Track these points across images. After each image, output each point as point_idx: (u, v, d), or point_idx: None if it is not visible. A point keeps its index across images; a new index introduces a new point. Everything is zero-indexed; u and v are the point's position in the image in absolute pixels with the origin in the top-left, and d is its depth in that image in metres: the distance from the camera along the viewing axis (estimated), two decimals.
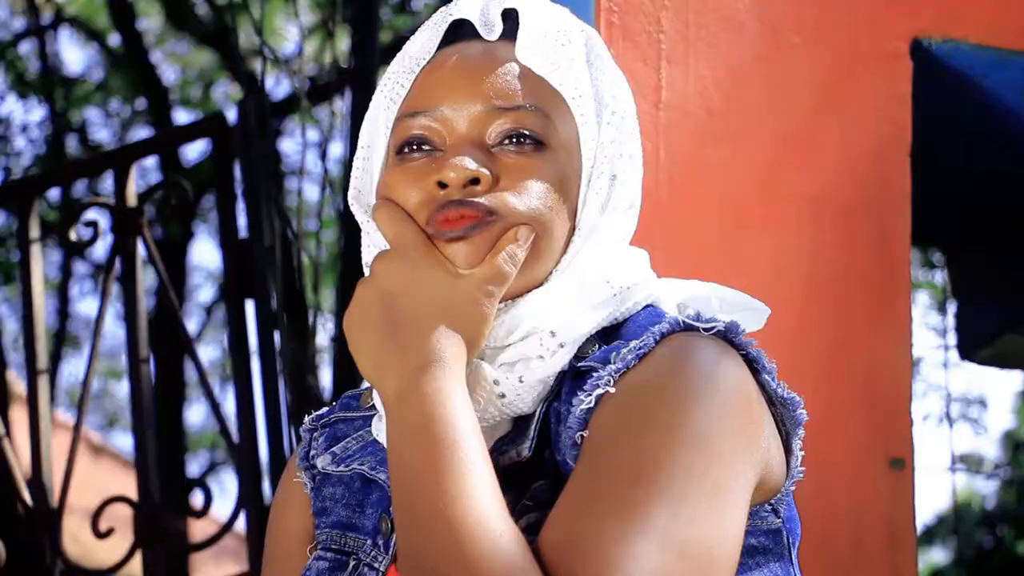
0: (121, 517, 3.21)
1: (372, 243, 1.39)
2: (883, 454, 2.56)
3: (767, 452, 1.26)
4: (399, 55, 1.42)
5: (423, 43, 1.40)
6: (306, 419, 1.50)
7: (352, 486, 1.40)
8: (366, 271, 1.38)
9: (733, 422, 1.21)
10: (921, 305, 8.39)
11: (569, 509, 1.17)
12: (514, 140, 1.33)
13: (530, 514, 1.24)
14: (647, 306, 1.36)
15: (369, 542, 1.35)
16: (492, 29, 1.38)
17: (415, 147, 1.35)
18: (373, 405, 1.41)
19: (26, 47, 10.03)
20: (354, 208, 1.41)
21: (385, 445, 1.35)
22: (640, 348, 1.26)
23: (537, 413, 1.31)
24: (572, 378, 1.30)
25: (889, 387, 2.60)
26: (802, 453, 1.33)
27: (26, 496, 3.26)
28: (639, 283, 1.36)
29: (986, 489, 12.57)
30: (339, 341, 4.90)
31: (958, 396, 8.87)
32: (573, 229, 1.35)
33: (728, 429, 1.21)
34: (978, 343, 3.76)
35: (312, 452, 1.47)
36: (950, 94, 2.87)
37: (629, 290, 1.35)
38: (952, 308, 4.05)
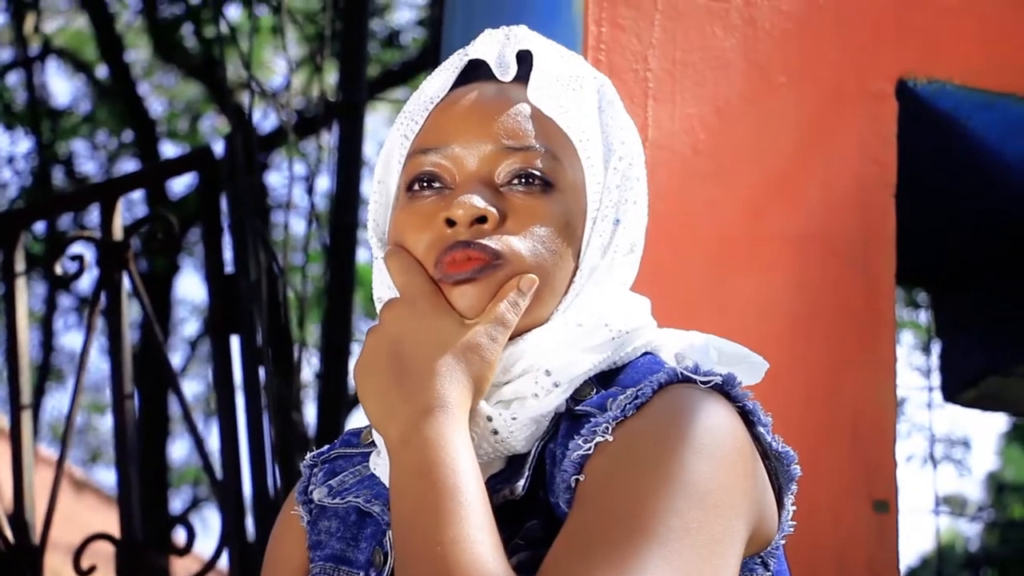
0: (103, 554, 3.19)
1: (383, 280, 1.40)
2: (867, 496, 2.55)
3: (760, 506, 1.28)
4: (415, 94, 1.44)
5: (439, 83, 1.43)
6: (307, 455, 1.52)
7: (347, 519, 1.41)
8: (376, 303, 1.40)
9: (728, 476, 1.23)
10: (905, 345, 8.40)
11: (563, 554, 1.18)
12: (523, 180, 1.35)
13: (521, 553, 1.24)
14: (646, 353, 1.37)
15: (362, 574, 1.36)
16: (507, 70, 1.40)
17: (425, 184, 1.37)
18: (372, 441, 1.43)
19: (13, 78, 10.03)
20: (371, 240, 1.43)
21: (382, 480, 1.38)
22: (638, 398, 1.27)
23: (532, 452, 1.31)
24: (569, 420, 1.31)
25: (873, 429, 2.59)
26: (794, 508, 1.34)
27: (8, 532, 3.24)
28: (638, 329, 1.38)
29: (970, 531, 12.57)
30: (324, 377, 4.88)
31: (942, 437, 8.88)
32: (576, 269, 1.37)
33: (723, 482, 1.22)
34: (962, 385, 3.76)
35: (310, 487, 1.48)
36: (935, 135, 2.88)
37: (628, 335, 1.36)
38: (936, 349, 4.05)
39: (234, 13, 8.78)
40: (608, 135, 1.40)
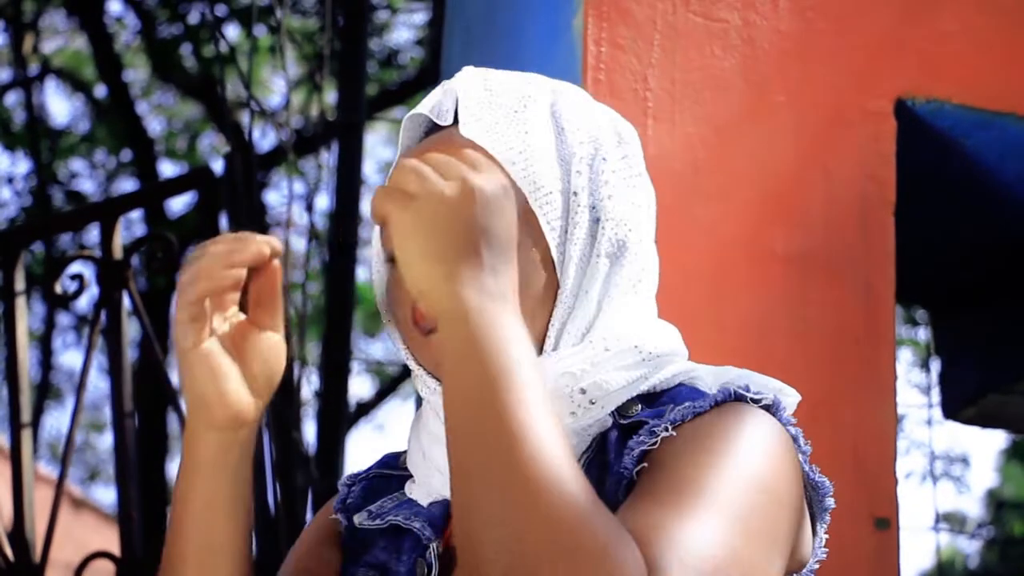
0: (104, 572, 3.19)
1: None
2: (868, 514, 2.56)
3: (802, 521, 1.31)
4: None
5: (402, 144, 1.46)
6: (344, 476, 1.53)
7: (387, 535, 1.43)
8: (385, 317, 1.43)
9: (788, 480, 1.27)
10: (904, 363, 8.40)
11: (628, 510, 1.20)
12: None
13: None
14: (681, 385, 1.38)
15: None
16: (446, 117, 1.41)
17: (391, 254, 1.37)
18: (407, 468, 1.45)
19: (12, 98, 10.04)
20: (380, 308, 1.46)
21: (420, 502, 1.40)
22: (696, 408, 1.30)
23: None
24: (619, 432, 1.33)
25: (874, 446, 2.60)
26: (826, 536, 1.37)
27: (8, 551, 3.24)
28: (671, 354, 1.39)
29: (969, 548, 12.56)
30: (324, 395, 4.88)
31: (941, 454, 8.87)
32: (558, 283, 1.37)
33: (784, 485, 1.26)
34: (962, 402, 3.76)
35: (349, 501, 1.50)
36: (934, 154, 2.89)
37: (659, 358, 1.37)
38: (935, 366, 4.05)
39: (233, 32, 8.81)
40: (565, 140, 1.40)
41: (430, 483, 1.40)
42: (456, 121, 1.40)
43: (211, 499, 1.34)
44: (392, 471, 1.50)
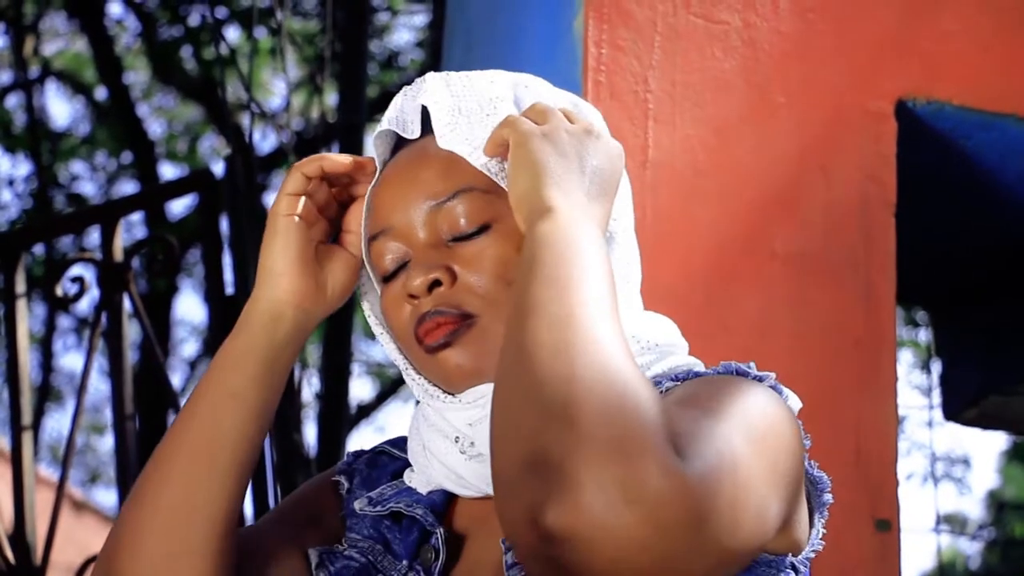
0: None
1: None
2: (869, 515, 2.55)
3: (801, 499, 1.31)
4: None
5: (377, 161, 1.47)
6: (347, 454, 1.55)
7: (386, 518, 1.43)
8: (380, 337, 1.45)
9: (789, 437, 1.24)
10: (905, 364, 8.40)
11: None
12: (459, 235, 1.37)
13: None
14: (688, 370, 1.38)
15: (405, 563, 1.38)
16: (411, 128, 1.42)
17: (390, 268, 1.41)
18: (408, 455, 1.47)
19: (13, 101, 10.05)
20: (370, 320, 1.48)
21: (419, 490, 1.41)
22: (697, 372, 1.33)
23: None
24: None
25: (875, 448, 2.60)
26: (825, 532, 1.37)
27: (9, 553, 3.24)
28: (672, 345, 1.40)
29: (970, 550, 12.56)
30: (325, 397, 4.88)
31: (942, 455, 8.87)
32: None
33: (786, 439, 1.23)
34: (962, 403, 3.77)
35: (354, 464, 1.51)
36: (934, 155, 2.89)
37: (660, 347, 1.39)
38: (936, 368, 4.05)
39: (233, 35, 8.81)
40: None
41: (429, 473, 1.41)
42: (425, 132, 1.42)
43: (238, 385, 1.37)
44: (397, 451, 1.51)
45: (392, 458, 1.51)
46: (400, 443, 1.53)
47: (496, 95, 1.42)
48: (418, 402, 1.47)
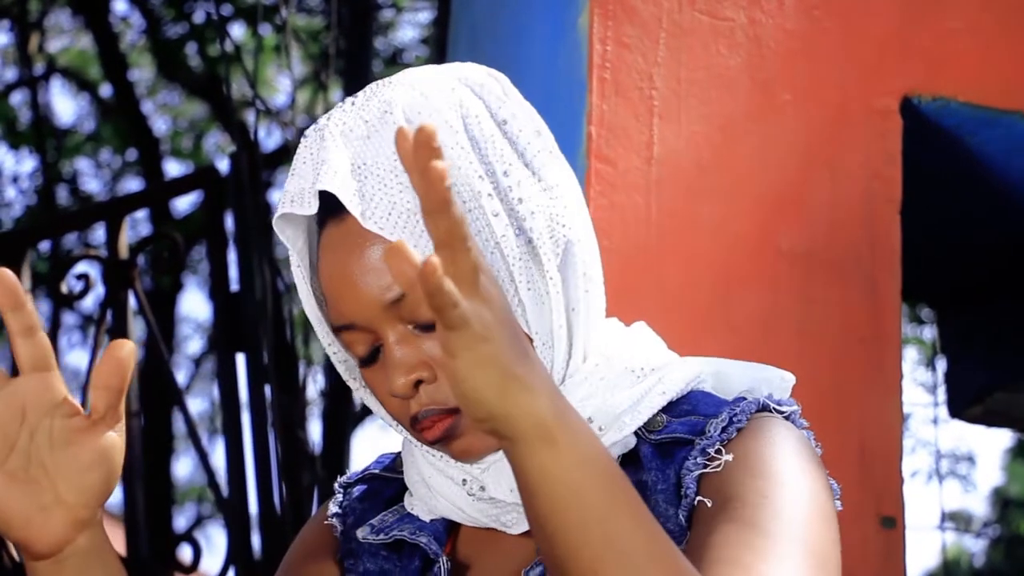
0: None
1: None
2: (874, 512, 2.55)
3: None
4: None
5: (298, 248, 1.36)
6: (339, 479, 1.49)
7: (388, 547, 1.40)
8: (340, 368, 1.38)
9: (827, 492, 1.28)
10: (910, 361, 8.40)
11: (713, 550, 1.19)
12: (420, 326, 1.27)
13: None
14: (695, 390, 1.37)
15: None
16: (311, 204, 1.28)
17: (361, 357, 1.31)
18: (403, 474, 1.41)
19: (18, 97, 10.05)
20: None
21: (421, 517, 1.37)
22: (734, 422, 1.30)
23: None
24: (655, 448, 1.31)
25: (880, 445, 2.60)
26: None
27: (13, 551, 3.24)
28: (667, 365, 1.36)
29: (975, 547, 12.54)
30: (329, 394, 4.88)
31: (947, 453, 8.86)
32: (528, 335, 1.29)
33: (826, 498, 1.27)
34: (967, 401, 3.76)
35: (346, 504, 1.45)
36: (939, 152, 2.89)
37: (656, 371, 1.34)
38: (941, 365, 4.05)
39: (238, 32, 8.80)
40: (458, 185, 1.27)
41: (434, 505, 1.36)
42: (331, 206, 1.28)
43: None
44: (389, 473, 1.46)
45: (385, 482, 1.46)
46: (389, 463, 1.47)
47: (391, 140, 1.26)
48: None
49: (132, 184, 10.24)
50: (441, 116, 1.29)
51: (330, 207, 1.29)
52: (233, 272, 3.49)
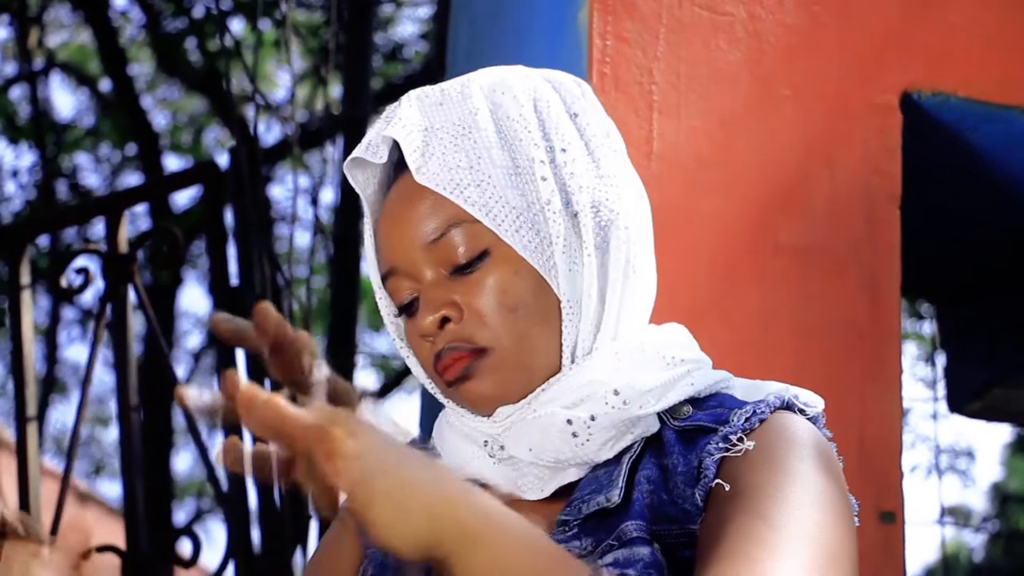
0: (109, 566, 3.19)
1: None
2: (873, 507, 2.56)
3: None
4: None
5: (375, 195, 1.46)
6: None
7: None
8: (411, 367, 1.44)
9: (845, 497, 1.35)
10: (909, 356, 8.40)
11: (722, 541, 1.22)
12: (457, 268, 1.37)
13: (616, 551, 1.29)
14: (721, 392, 1.40)
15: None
16: (381, 154, 1.39)
17: (403, 305, 1.41)
18: None
19: (17, 92, 10.05)
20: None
21: None
22: (757, 414, 1.33)
23: (624, 464, 1.35)
24: (678, 434, 1.35)
25: (879, 440, 2.60)
26: None
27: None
28: (698, 360, 1.41)
29: (974, 542, 12.56)
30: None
31: (946, 448, 8.87)
32: (559, 302, 1.37)
33: (845, 502, 1.34)
34: (967, 396, 3.77)
35: None
36: (939, 147, 2.89)
37: (686, 362, 1.39)
38: (941, 360, 4.05)
39: (237, 26, 8.80)
40: (519, 150, 1.37)
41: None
42: (401, 163, 1.39)
43: None
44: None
45: None
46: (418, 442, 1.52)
47: (469, 110, 1.39)
48: (423, 401, 1.46)
49: (132, 178, 10.25)
50: (512, 93, 1.40)
51: (403, 164, 1.39)
52: (233, 267, 3.49)
